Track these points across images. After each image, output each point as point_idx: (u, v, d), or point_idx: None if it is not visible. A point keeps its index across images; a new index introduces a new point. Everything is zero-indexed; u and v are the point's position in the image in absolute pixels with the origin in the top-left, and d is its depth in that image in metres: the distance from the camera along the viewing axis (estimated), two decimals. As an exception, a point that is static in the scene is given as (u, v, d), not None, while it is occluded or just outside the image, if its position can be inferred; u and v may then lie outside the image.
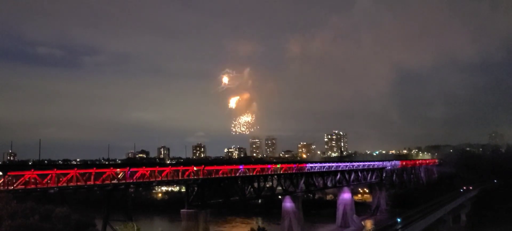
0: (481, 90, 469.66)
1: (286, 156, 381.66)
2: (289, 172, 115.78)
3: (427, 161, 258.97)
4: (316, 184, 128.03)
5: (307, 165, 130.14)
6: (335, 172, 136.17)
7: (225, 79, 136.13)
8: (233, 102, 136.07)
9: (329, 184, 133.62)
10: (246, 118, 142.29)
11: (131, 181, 74.28)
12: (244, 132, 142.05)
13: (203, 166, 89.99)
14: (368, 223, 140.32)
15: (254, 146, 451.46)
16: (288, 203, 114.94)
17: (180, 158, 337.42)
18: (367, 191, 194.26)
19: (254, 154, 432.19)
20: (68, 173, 64.25)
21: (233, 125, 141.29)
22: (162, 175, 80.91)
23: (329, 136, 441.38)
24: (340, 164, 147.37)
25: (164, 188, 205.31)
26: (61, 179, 63.28)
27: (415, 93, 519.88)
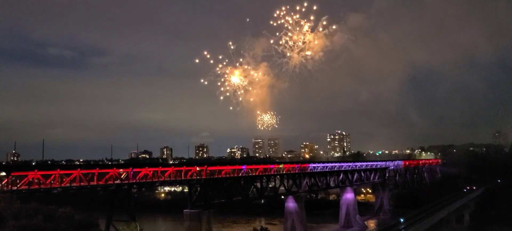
0: (493, 89, 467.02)
1: (289, 156, 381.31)
2: (292, 172, 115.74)
3: (430, 161, 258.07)
4: (319, 184, 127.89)
5: (310, 165, 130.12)
6: (338, 172, 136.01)
7: (235, 79, 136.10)
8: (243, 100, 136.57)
9: (332, 184, 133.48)
10: (267, 117, 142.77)
11: (134, 181, 74.50)
12: (267, 128, 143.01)
13: (206, 166, 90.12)
14: (371, 223, 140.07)
15: (256, 146, 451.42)
16: (291, 203, 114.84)
17: (183, 158, 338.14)
18: (370, 191, 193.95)
19: (257, 154, 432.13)
20: (71, 174, 64.56)
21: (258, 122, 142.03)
22: (165, 175, 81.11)
23: (332, 136, 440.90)
24: (343, 164, 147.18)
25: (167, 188, 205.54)
26: (64, 179, 63.57)
27: (422, 93, 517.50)
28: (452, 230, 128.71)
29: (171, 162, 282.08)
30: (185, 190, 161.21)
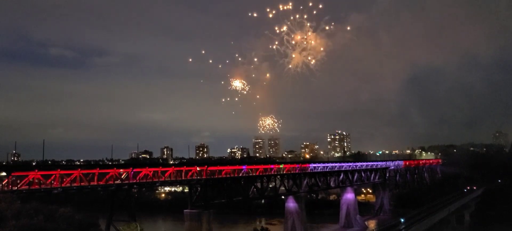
0: (494, 89, 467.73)
1: (289, 156, 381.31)
2: (292, 172, 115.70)
3: (431, 161, 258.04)
4: (320, 184, 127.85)
5: (310, 165, 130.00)
6: (338, 172, 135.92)
7: (237, 83, 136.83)
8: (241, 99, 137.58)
9: (332, 184, 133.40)
10: (269, 121, 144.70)
11: (135, 181, 74.49)
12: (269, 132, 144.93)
13: (206, 166, 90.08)
14: (372, 223, 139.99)
15: (257, 146, 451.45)
16: (291, 203, 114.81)
17: (183, 158, 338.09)
18: (370, 191, 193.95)
19: (257, 154, 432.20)
20: (71, 174, 64.52)
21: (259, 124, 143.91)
22: (165, 175, 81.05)
23: (332, 136, 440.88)
24: (343, 164, 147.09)
25: (167, 189, 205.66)
26: (64, 179, 63.54)
27: (423, 93, 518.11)
28: (452, 230, 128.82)
29: (171, 162, 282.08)
30: (185, 190, 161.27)
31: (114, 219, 70.54)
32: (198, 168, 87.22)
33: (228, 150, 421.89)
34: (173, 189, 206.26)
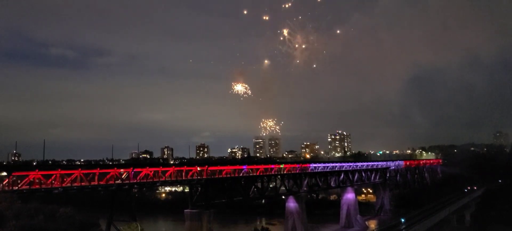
0: (495, 89, 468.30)
1: (290, 156, 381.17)
2: (292, 172, 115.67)
3: (431, 161, 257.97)
4: (320, 184, 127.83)
5: (311, 165, 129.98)
6: (338, 172, 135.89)
7: (239, 87, 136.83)
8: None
9: (332, 184, 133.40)
10: (271, 123, 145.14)
11: (135, 181, 74.50)
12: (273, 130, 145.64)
13: (206, 166, 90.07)
14: (372, 223, 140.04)
15: (257, 146, 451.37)
16: (291, 203, 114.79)
17: (184, 158, 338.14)
18: (370, 191, 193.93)
19: (258, 154, 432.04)
20: (72, 174, 64.55)
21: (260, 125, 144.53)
22: (166, 175, 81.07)
23: (333, 136, 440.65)
24: (343, 164, 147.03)
25: (167, 188, 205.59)
26: (65, 179, 63.56)
27: (424, 93, 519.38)
28: (453, 230, 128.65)
29: (172, 162, 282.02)
30: (185, 190, 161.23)
31: (114, 219, 70.56)
32: (198, 168, 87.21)
33: (229, 150, 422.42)
34: (173, 189, 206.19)
